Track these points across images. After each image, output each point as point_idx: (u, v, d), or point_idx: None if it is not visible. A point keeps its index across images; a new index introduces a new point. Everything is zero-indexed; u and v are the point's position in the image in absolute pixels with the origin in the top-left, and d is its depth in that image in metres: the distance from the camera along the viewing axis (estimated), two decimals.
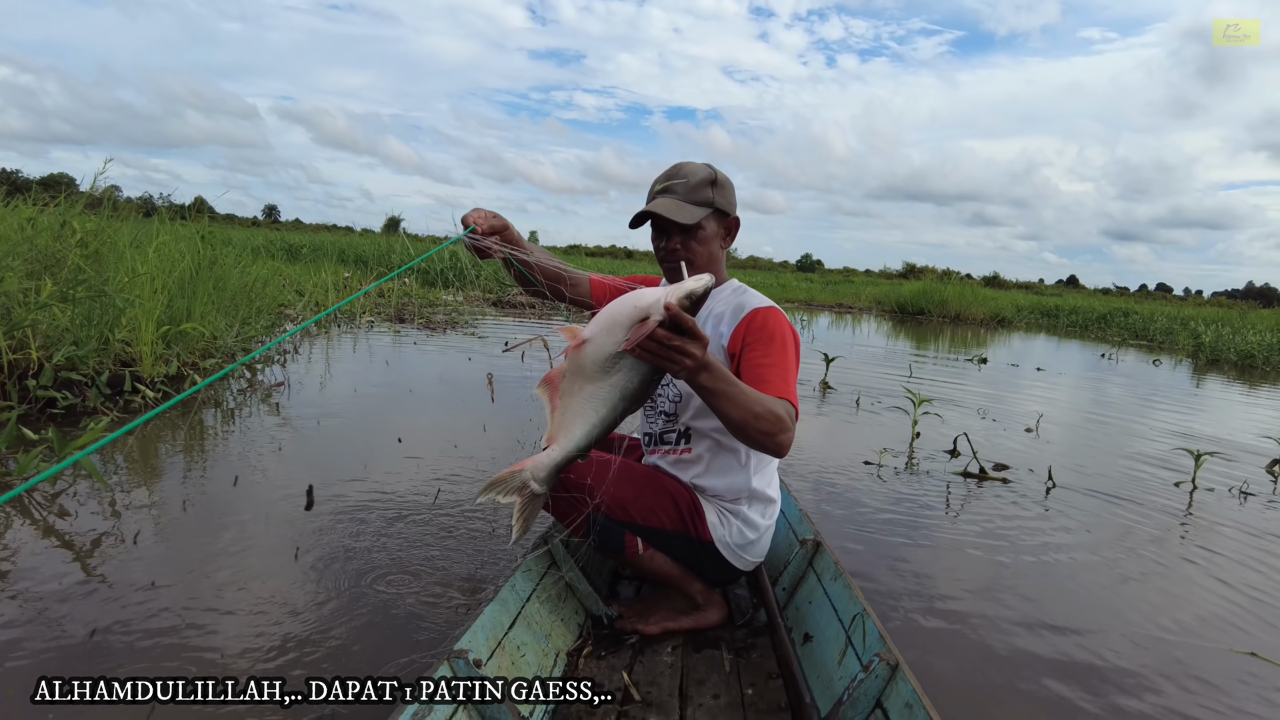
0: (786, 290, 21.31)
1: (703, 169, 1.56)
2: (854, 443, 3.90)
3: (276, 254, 12.20)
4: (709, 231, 1.56)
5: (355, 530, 2.20)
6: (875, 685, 1.21)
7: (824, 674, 1.45)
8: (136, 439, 2.91)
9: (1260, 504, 3.31)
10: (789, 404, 1.34)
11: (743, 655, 1.61)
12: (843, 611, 1.52)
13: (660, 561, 1.60)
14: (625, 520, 1.55)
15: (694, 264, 1.55)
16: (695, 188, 1.53)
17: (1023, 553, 2.49)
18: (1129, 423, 5.28)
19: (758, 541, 1.63)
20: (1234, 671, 1.81)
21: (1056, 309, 20.41)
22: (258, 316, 5.23)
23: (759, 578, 1.76)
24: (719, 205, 1.55)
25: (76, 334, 3.17)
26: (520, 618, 1.46)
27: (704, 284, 1.04)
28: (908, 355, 8.76)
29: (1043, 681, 1.72)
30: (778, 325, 1.49)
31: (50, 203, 3.88)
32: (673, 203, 1.52)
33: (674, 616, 1.66)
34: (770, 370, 1.41)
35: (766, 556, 1.71)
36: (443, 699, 1.09)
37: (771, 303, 1.55)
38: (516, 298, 11.26)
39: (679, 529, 1.57)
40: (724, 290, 1.65)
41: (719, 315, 1.58)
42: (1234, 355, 11.59)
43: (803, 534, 1.90)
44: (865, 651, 1.35)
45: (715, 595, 1.72)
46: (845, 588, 1.55)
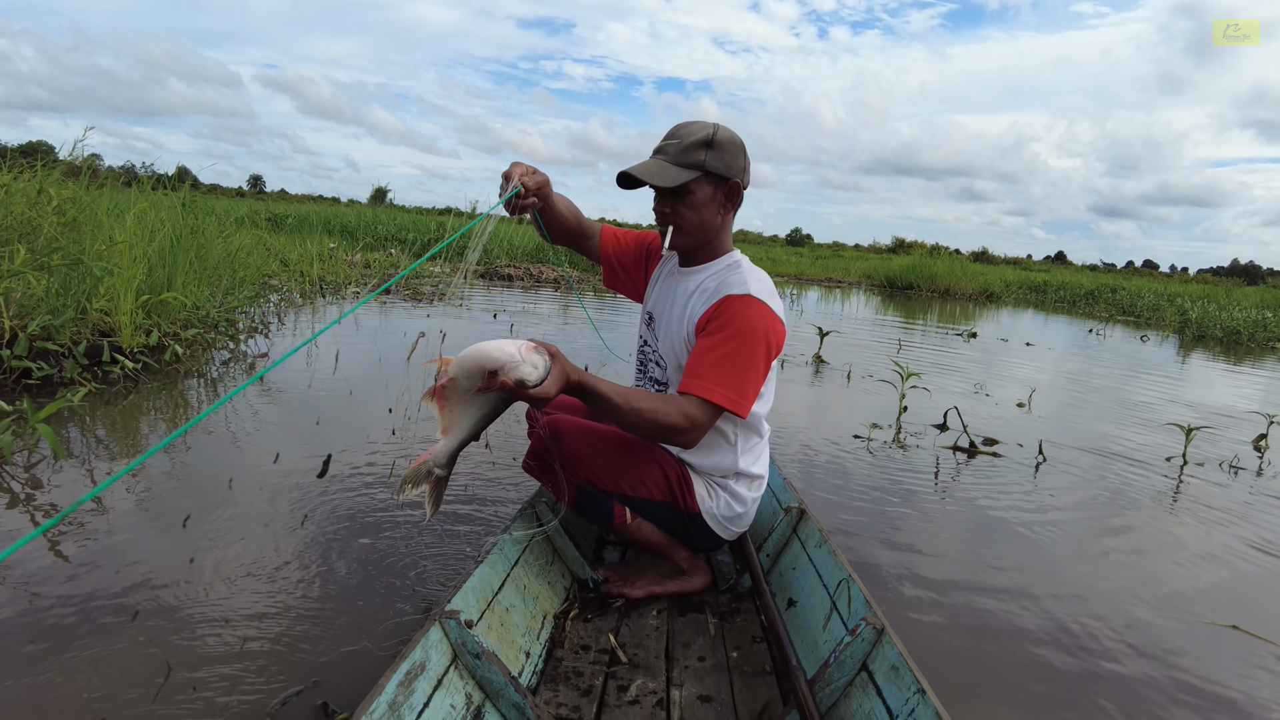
0: (776, 264, 21.25)
1: (703, 129, 1.46)
2: (844, 416, 3.92)
3: (261, 224, 12.03)
4: (700, 196, 1.47)
5: (345, 497, 2.19)
6: (861, 648, 1.22)
7: (809, 637, 1.46)
8: (119, 410, 2.87)
9: (1248, 478, 3.35)
10: (692, 401, 1.37)
11: (727, 619, 1.63)
12: (828, 577, 1.52)
13: (647, 530, 1.60)
14: (614, 490, 1.54)
15: (681, 229, 1.50)
16: (687, 149, 1.44)
17: (1009, 523, 2.51)
18: (1118, 396, 5.33)
19: (745, 514, 1.63)
20: (1214, 643, 1.82)
21: (1045, 285, 20.52)
22: (241, 286, 5.15)
23: (743, 544, 1.78)
24: (711, 168, 1.45)
25: (53, 303, 3.10)
26: (509, 580, 1.47)
27: (536, 377, 1.17)
28: (897, 329, 8.78)
29: (1025, 647, 1.75)
30: (743, 318, 1.42)
31: (26, 169, 3.79)
32: (657, 164, 1.46)
33: (659, 581, 1.67)
34: (702, 362, 1.40)
35: (751, 524, 1.72)
36: (436, 659, 1.10)
37: (755, 290, 1.46)
38: (504, 269, 11.16)
39: (667, 499, 1.57)
40: (718, 264, 1.57)
41: (703, 290, 1.52)
42: (1220, 331, 11.72)
43: (786, 502, 1.90)
44: (851, 616, 1.36)
45: (700, 561, 1.73)
46: (830, 554, 1.56)
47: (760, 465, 1.64)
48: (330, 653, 1.45)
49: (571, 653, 1.44)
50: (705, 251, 1.58)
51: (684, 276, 1.60)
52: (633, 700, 1.30)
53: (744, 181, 1.52)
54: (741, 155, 1.50)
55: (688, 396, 1.38)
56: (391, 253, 11.45)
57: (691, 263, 1.60)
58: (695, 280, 1.57)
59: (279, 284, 6.83)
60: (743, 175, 1.51)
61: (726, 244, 1.59)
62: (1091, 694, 1.58)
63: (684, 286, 1.58)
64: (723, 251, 1.59)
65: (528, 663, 1.35)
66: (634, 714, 1.27)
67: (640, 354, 1.74)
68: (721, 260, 1.58)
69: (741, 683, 1.39)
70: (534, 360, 1.18)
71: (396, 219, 17.23)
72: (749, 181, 1.54)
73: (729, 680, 1.40)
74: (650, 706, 1.29)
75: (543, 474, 1.58)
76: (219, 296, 4.53)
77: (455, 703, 1.10)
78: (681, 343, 1.54)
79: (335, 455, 2.49)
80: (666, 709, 1.29)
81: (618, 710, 1.28)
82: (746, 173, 1.52)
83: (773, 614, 1.50)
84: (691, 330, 1.50)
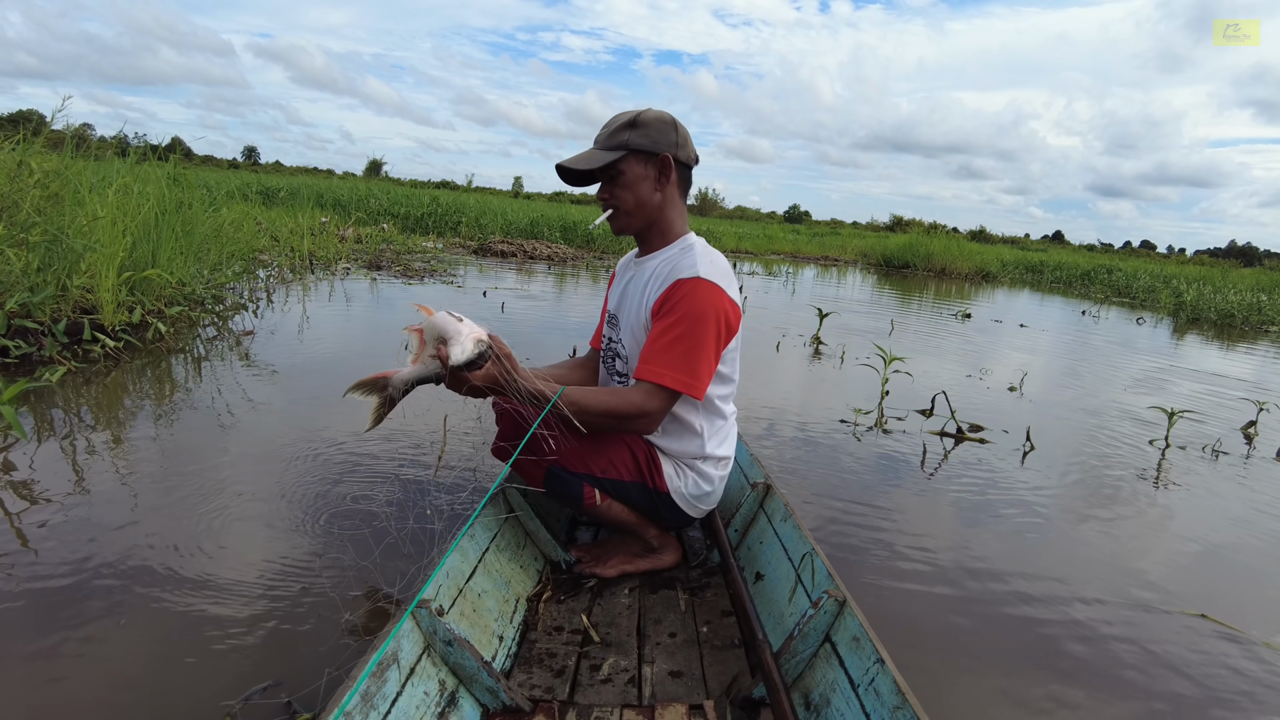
0: (773, 242, 21.19)
1: (630, 113, 1.52)
2: (830, 397, 3.93)
3: (252, 197, 11.93)
4: (630, 175, 1.50)
5: (320, 475, 2.20)
6: (824, 620, 1.25)
7: (775, 610, 1.49)
8: (99, 389, 2.85)
9: (1231, 464, 3.35)
10: (644, 388, 1.42)
11: (697, 594, 1.65)
12: (792, 551, 1.55)
13: (617, 509, 1.62)
14: (583, 472, 1.56)
15: (620, 209, 1.53)
16: (614, 133, 1.50)
17: (983, 507, 2.52)
18: (1109, 380, 5.33)
19: (712, 493, 1.66)
20: (1180, 630, 1.82)
21: (1041, 265, 20.48)
22: (229, 261, 5.11)
23: (712, 520, 1.81)
24: (635, 146, 1.48)
25: (33, 279, 3.06)
26: (480, 566, 1.48)
27: (460, 359, 1.24)
28: (892, 309, 8.78)
29: (986, 619, 1.77)
30: (692, 299, 1.44)
31: (4, 141, 3.72)
32: (586, 152, 1.52)
33: (631, 559, 1.70)
34: (654, 348, 1.44)
35: (720, 500, 1.74)
36: (408, 648, 1.11)
37: (704, 272, 1.46)
38: (497, 246, 11.10)
39: (636, 479, 1.59)
40: (672, 249, 1.58)
41: (656, 275, 1.54)
42: (1214, 314, 11.72)
43: (754, 477, 1.93)
44: (814, 588, 1.39)
45: (670, 537, 1.75)
46: (795, 528, 1.59)
47: (726, 447, 1.66)
48: (295, 648, 1.41)
49: (545, 634, 1.45)
50: (658, 236, 1.60)
51: (640, 266, 1.63)
52: (605, 679, 1.33)
53: (679, 155, 1.53)
54: (671, 130, 1.51)
55: (640, 383, 1.43)
56: (384, 227, 11.37)
57: (647, 249, 1.63)
58: (650, 266, 1.58)
59: (269, 259, 6.79)
60: (675, 149, 1.52)
61: (680, 226, 1.60)
62: (1052, 666, 1.61)
63: (640, 276, 1.60)
64: (676, 235, 1.60)
65: (501, 646, 1.36)
66: (607, 692, 1.29)
67: (605, 351, 1.74)
68: (675, 244, 1.59)
69: (711, 657, 1.42)
70: (465, 345, 1.25)
71: (390, 192, 17.11)
72: (692, 157, 1.57)
73: (699, 655, 1.42)
74: (622, 684, 1.31)
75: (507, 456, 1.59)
76: (206, 272, 4.49)
77: (429, 690, 1.12)
78: (640, 330, 1.55)
79: (309, 441, 2.49)
80: (638, 685, 1.31)
81: (590, 689, 1.30)
82: (682, 148, 1.53)
83: (739, 588, 1.53)
84: (648, 316, 1.51)
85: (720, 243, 18.42)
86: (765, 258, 18.38)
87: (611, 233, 1.70)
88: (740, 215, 56.90)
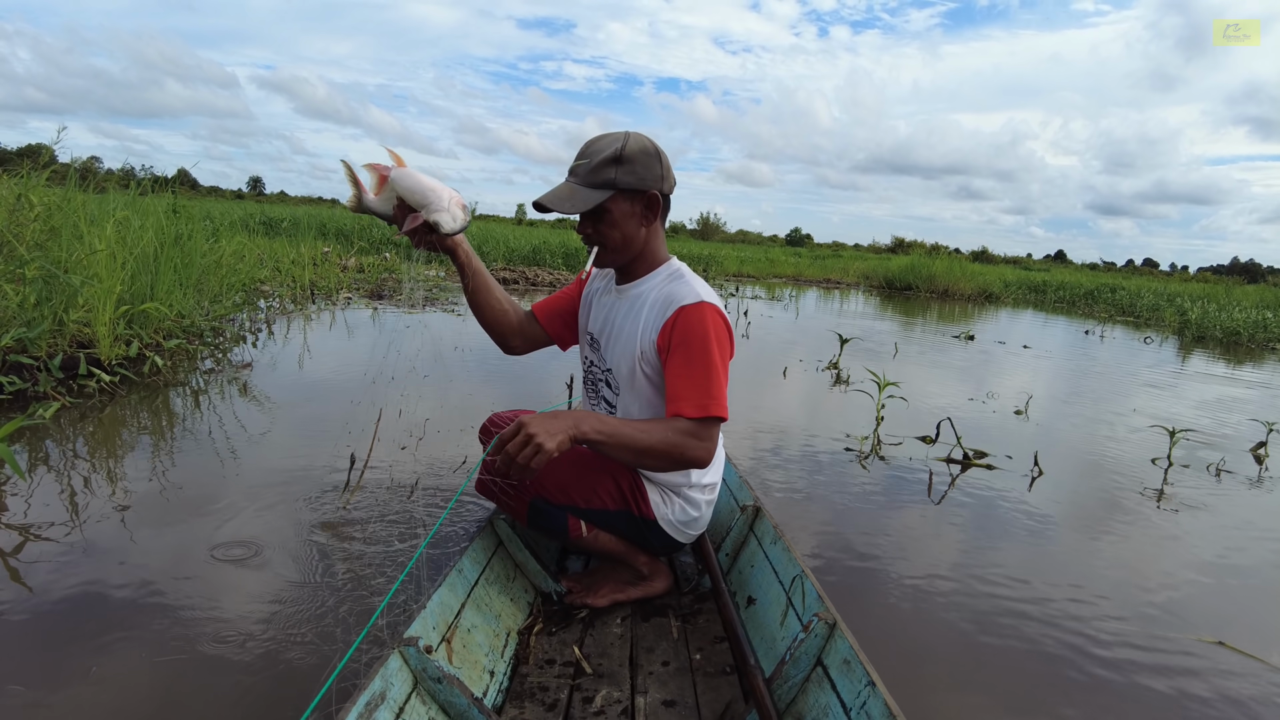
0: (775, 265, 21.23)
1: (612, 144, 1.42)
2: (829, 422, 3.88)
3: (255, 228, 12.04)
4: (617, 213, 1.44)
5: (313, 511, 2.17)
6: (815, 644, 1.24)
7: (767, 634, 1.47)
8: (95, 423, 2.84)
9: (1236, 485, 3.28)
10: (690, 422, 1.37)
11: (689, 621, 1.63)
12: (783, 574, 1.54)
13: (605, 539, 1.59)
14: (566, 504, 1.52)
15: (606, 247, 1.49)
16: (596, 168, 1.41)
17: (986, 532, 2.47)
18: (1116, 402, 5.26)
19: (700, 518, 1.63)
20: (1198, 659, 1.76)
21: (1044, 284, 20.46)
22: (229, 293, 5.13)
23: (702, 544, 1.78)
24: (623, 184, 1.41)
25: (29, 314, 3.06)
26: (470, 600, 1.46)
27: (450, 228, 1.30)
28: (893, 332, 8.75)
29: (981, 641, 1.74)
30: (699, 326, 1.41)
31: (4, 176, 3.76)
32: (568, 189, 1.43)
33: (622, 588, 1.66)
34: (683, 381, 1.40)
35: (709, 523, 1.73)
36: (396, 687, 1.08)
37: (701, 295, 1.45)
38: (499, 273, 11.15)
39: (621, 508, 1.55)
40: (657, 275, 1.55)
41: (651, 303, 1.51)
42: (1220, 332, 11.64)
43: (743, 500, 1.91)
44: (805, 611, 1.38)
45: (661, 564, 1.72)
46: (784, 551, 1.57)
47: (713, 473, 1.63)
48: (285, 687, 1.37)
49: (537, 668, 1.42)
50: (642, 264, 1.56)
51: (623, 292, 1.58)
52: (598, 711, 1.30)
53: (663, 189, 1.48)
54: (656, 163, 1.45)
55: (686, 419, 1.37)
56: (386, 256, 11.45)
57: (630, 277, 1.58)
58: (637, 293, 1.54)
59: (270, 290, 6.82)
60: (660, 183, 1.46)
61: (662, 253, 1.57)
62: (1051, 693, 1.56)
63: (626, 301, 1.56)
64: (659, 261, 1.56)
65: (492, 682, 1.34)
66: None
67: (588, 375, 1.71)
68: (662, 270, 1.56)
69: (704, 684, 1.40)
70: (455, 213, 1.29)
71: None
72: (672, 185, 1.52)
73: (692, 683, 1.40)
74: (615, 716, 1.29)
75: (496, 493, 1.56)
76: (205, 305, 4.50)
77: None
78: (634, 359, 1.51)
79: (303, 475, 2.46)
80: (631, 716, 1.29)
81: None
82: (665, 179, 1.48)
83: (730, 614, 1.51)
84: (650, 345, 1.48)
85: (722, 266, 18.51)
86: (768, 281, 18.42)
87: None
88: (742, 239, 57.18)
